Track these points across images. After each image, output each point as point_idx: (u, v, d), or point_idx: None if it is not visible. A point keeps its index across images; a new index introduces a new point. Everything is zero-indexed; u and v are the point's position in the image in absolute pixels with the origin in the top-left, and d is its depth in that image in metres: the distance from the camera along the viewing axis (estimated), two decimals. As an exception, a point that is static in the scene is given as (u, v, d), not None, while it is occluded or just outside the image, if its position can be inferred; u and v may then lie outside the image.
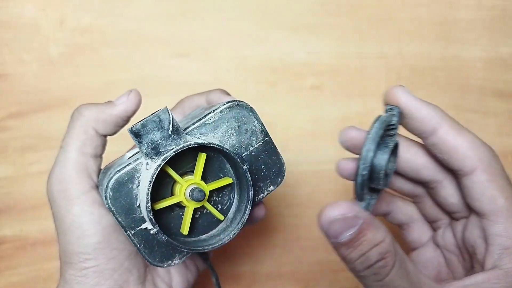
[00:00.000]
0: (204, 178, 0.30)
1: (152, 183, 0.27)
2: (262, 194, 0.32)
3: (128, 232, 0.29)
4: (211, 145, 0.28)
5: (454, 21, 0.53)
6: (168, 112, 0.28)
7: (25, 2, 0.49)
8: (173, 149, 0.28)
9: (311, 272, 0.53)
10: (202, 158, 0.30)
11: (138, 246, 0.29)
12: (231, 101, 0.31)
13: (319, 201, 0.53)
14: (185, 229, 0.30)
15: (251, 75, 0.52)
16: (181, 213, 0.31)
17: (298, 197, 0.53)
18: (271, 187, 0.33)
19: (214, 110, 0.30)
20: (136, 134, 0.28)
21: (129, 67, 0.50)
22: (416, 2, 0.52)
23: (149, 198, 0.27)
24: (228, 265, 0.52)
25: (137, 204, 0.29)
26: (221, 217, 0.31)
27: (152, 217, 0.27)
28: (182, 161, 0.30)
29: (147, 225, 0.29)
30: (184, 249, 0.29)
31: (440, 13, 0.52)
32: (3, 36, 0.48)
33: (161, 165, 0.27)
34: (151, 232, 0.28)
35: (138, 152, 0.30)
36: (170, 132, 0.28)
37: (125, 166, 0.29)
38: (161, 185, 0.30)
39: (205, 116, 0.30)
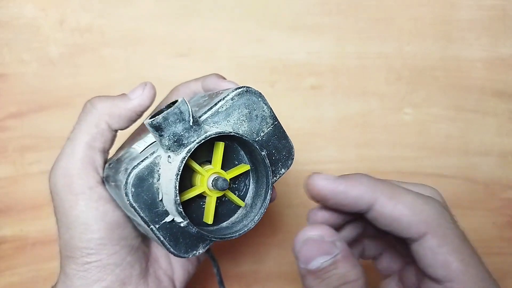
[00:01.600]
0: (222, 166, 0.30)
1: (179, 176, 0.27)
2: (274, 178, 0.32)
3: (152, 226, 0.28)
4: (231, 134, 0.28)
5: (454, 21, 0.53)
6: (187, 104, 0.27)
7: (25, 2, 0.49)
8: (195, 140, 0.27)
9: (311, 272, 0.53)
10: (220, 147, 0.29)
11: (163, 239, 0.29)
12: (240, 88, 0.31)
13: (319, 201, 0.53)
14: (209, 218, 0.30)
15: (251, 75, 0.52)
16: (201, 203, 0.31)
17: (299, 197, 0.53)
18: (283, 170, 0.33)
19: (224, 98, 0.30)
20: (157, 128, 0.27)
21: (129, 67, 0.50)
22: (416, 2, 0.52)
23: (177, 192, 0.27)
24: (228, 264, 0.52)
25: (160, 198, 0.28)
26: (242, 203, 0.31)
27: (181, 210, 0.27)
28: (199, 151, 0.30)
29: (173, 218, 0.29)
30: (214, 238, 0.29)
31: (440, 13, 0.52)
32: (3, 36, 0.48)
33: (186, 158, 0.27)
34: (182, 225, 0.28)
35: (151, 144, 0.30)
36: (191, 124, 0.27)
37: (142, 161, 0.28)
38: (180, 177, 0.30)
39: (215, 104, 0.30)
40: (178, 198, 0.27)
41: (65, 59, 0.49)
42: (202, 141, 0.27)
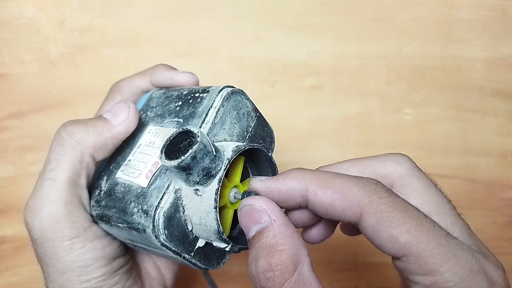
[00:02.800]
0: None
1: (218, 208, 0.26)
2: None
3: (185, 255, 0.28)
4: (247, 148, 0.27)
5: (454, 21, 0.53)
6: (204, 134, 0.26)
7: (25, 2, 0.49)
8: (221, 168, 0.26)
9: (311, 272, 0.53)
10: (241, 161, 0.29)
11: (197, 262, 0.28)
12: (223, 89, 0.30)
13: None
14: (227, 230, 0.28)
15: (251, 75, 0.52)
16: None
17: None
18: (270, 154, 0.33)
19: (212, 105, 0.29)
20: (185, 168, 0.25)
21: (129, 67, 0.50)
22: (416, 2, 0.52)
23: (219, 223, 0.26)
24: (228, 265, 0.52)
25: (190, 229, 0.27)
26: None
27: (225, 237, 0.26)
28: None
29: (205, 242, 0.28)
30: (246, 248, 0.28)
31: (440, 13, 0.52)
32: (3, 36, 0.48)
33: (219, 187, 0.26)
34: (227, 249, 0.27)
35: (155, 175, 0.28)
36: (214, 153, 0.26)
37: (161, 198, 0.27)
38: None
39: (206, 115, 0.29)
40: (221, 228, 0.26)
41: (65, 59, 0.49)
42: (228, 166, 0.26)
